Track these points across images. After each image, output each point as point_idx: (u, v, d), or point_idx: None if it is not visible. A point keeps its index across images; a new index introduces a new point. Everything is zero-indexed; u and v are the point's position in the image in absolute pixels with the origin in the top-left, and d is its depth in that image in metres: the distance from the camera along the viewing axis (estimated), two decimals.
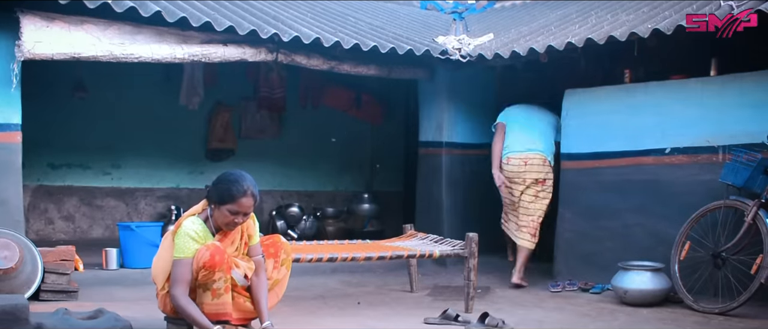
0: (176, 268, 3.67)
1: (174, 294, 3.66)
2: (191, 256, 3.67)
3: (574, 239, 6.38)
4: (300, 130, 9.60)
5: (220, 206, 3.71)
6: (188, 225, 3.73)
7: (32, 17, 5.34)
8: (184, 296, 3.65)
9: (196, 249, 3.68)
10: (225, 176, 3.78)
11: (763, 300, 4.99)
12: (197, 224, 3.75)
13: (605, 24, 6.18)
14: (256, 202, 3.76)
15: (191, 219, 3.77)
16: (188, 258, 3.67)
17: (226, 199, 3.70)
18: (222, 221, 3.75)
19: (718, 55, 5.74)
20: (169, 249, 3.75)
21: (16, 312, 3.68)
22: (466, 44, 7.07)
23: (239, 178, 3.75)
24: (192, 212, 3.85)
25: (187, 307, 3.64)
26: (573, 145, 6.42)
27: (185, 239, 3.69)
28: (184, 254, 3.67)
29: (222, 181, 3.76)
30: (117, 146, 8.69)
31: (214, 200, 3.74)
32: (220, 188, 3.73)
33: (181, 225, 3.75)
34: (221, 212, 3.72)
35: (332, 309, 5.09)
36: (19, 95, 5.51)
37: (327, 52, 6.43)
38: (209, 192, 3.80)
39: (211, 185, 3.82)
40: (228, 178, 3.76)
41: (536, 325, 4.68)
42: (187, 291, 3.67)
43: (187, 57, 5.90)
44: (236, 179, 3.74)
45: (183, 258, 3.67)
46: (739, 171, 5.12)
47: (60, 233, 8.47)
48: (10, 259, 4.83)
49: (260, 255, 3.94)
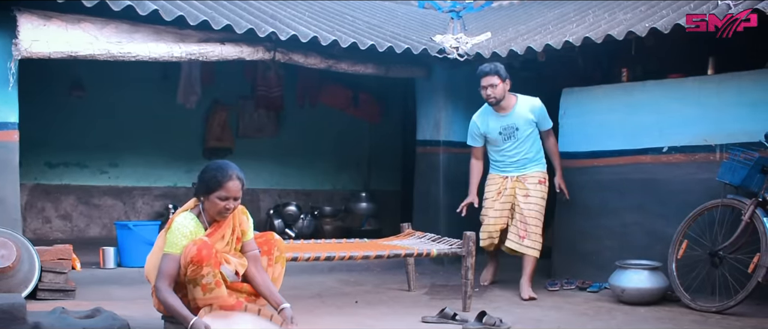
0: (163, 262, 3.71)
1: (157, 287, 3.69)
2: (180, 252, 3.70)
3: (572, 237, 6.38)
4: (298, 129, 9.60)
5: (209, 196, 3.78)
6: (180, 221, 3.77)
7: (29, 16, 5.33)
8: (167, 289, 3.68)
9: (187, 240, 3.71)
10: (209, 167, 3.86)
11: (761, 299, 5.00)
12: (189, 220, 3.78)
13: (603, 23, 6.18)
14: (243, 186, 3.83)
15: (183, 215, 3.81)
16: (176, 254, 3.70)
17: (214, 186, 3.76)
18: (214, 211, 3.80)
19: (715, 54, 5.74)
20: (163, 248, 3.77)
21: (13, 311, 3.68)
22: (464, 43, 7.07)
23: (223, 165, 3.84)
24: (184, 208, 3.89)
25: (168, 299, 3.66)
26: (571, 144, 6.42)
27: (176, 235, 3.72)
28: (173, 249, 3.71)
29: (207, 171, 3.83)
30: (114, 144, 8.69)
31: (203, 191, 3.80)
32: (206, 177, 3.79)
33: (173, 221, 3.78)
34: (212, 202, 3.78)
35: (330, 308, 5.09)
36: (16, 94, 5.50)
37: (324, 50, 6.43)
38: (197, 187, 3.86)
39: (197, 179, 3.89)
40: (212, 167, 3.84)
41: (534, 324, 4.68)
42: (171, 285, 3.70)
43: (184, 56, 5.90)
44: (219, 166, 3.83)
45: (171, 253, 3.70)
46: (736, 170, 5.13)
47: (57, 232, 8.45)
48: (7, 258, 4.83)
49: (256, 250, 3.98)
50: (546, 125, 5.96)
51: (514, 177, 5.91)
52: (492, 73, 5.72)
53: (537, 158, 5.93)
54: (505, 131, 5.88)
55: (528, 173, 5.89)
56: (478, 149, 6.13)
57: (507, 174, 5.95)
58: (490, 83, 5.71)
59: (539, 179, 5.89)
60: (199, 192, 3.84)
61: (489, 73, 5.73)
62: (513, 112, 5.85)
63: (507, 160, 5.94)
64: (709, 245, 5.26)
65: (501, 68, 5.75)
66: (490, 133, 5.94)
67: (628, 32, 5.50)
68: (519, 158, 5.90)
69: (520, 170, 5.91)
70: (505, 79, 5.74)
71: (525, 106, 5.86)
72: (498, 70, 5.72)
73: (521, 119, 5.85)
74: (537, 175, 5.89)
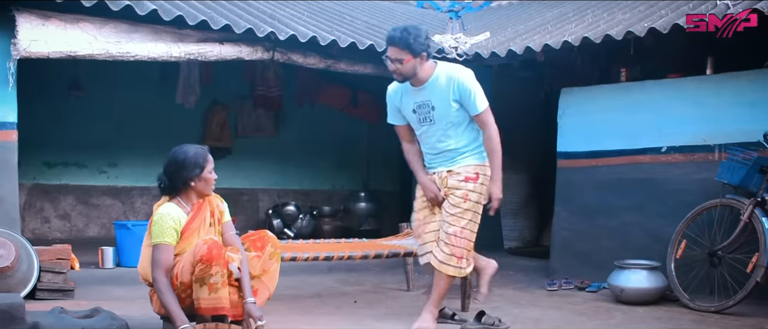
0: (156, 253, 3.70)
1: (155, 278, 3.68)
2: (170, 241, 3.71)
3: (571, 237, 6.38)
4: (297, 128, 9.60)
5: (201, 175, 3.80)
6: (162, 211, 3.78)
7: (28, 15, 5.33)
8: (165, 282, 3.67)
9: (174, 230, 3.72)
10: (178, 158, 3.81)
11: (759, 299, 5.00)
12: (171, 208, 3.80)
13: (602, 23, 6.19)
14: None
15: (164, 205, 3.82)
16: (167, 243, 3.71)
17: (202, 163, 3.80)
18: (204, 188, 3.84)
19: (714, 54, 5.74)
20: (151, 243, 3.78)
21: (12, 310, 3.67)
22: (463, 43, 7.07)
23: (188, 147, 3.84)
24: (161, 202, 3.89)
25: (166, 294, 3.65)
26: (569, 144, 6.43)
27: (162, 225, 3.73)
28: (162, 238, 3.71)
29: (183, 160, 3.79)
30: (113, 144, 8.69)
31: (189, 178, 3.79)
32: (189, 164, 3.78)
33: (156, 213, 3.80)
34: (203, 180, 3.82)
35: (329, 308, 5.09)
36: (15, 94, 5.49)
37: (323, 50, 6.43)
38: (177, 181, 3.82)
39: (170, 176, 3.83)
40: (186, 154, 3.81)
41: (533, 324, 4.68)
42: (168, 275, 3.69)
43: (183, 55, 5.89)
44: (190, 150, 3.82)
45: (162, 243, 3.70)
46: (735, 170, 5.13)
47: (56, 232, 8.45)
48: (6, 258, 4.82)
49: (234, 232, 3.99)
50: (473, 109, 4.20)
51: (443, 174, 4.34)
52: (400, 45, 4.08)
53: (471, 148, 4.30)
54: (420, 109, 4.29)
55: (455, 168, 4.29)
56: (403, 129, 4.50)
57: (434, 171, 4.39)
58: (397, 57, 4.12)
59: (467, 175, 4.26)
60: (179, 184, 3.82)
61: (395, 44, 4.10)
62: (428, 84, 4.22)
63: (430, 152, 4.40)
64: (708, 245, 5.26)
65: (417, 39, 4.08)
66: (405, 110, 4.38)
67: (627, 32, 5.50)
68: (444, 150, 4.31)
69: (448, 163, 4.33)
70: (419, 54, 4.09)
71: (443, 77, 4.19)
72: (409, 43, 4.06)
73: (438, 95, 4.21)
74: (464, 170, 4.27)
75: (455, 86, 4.16)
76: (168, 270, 3.70)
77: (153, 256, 3.72)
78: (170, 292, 3.67)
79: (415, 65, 4.13)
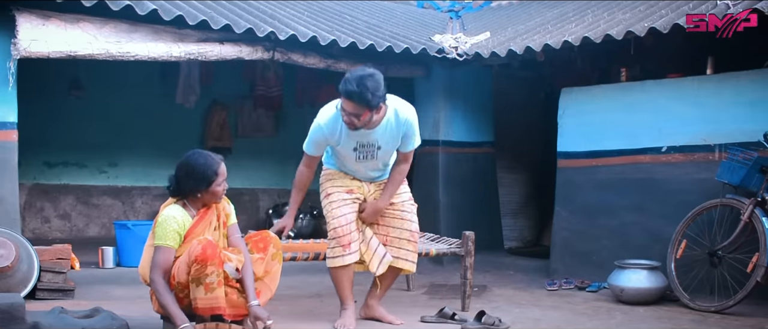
0: (156, 254, 3.71)
1: (153, 279, 3.68)
2: (172, 244, 3.70)
3: (571, 237, 6.38)
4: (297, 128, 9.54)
5: (208, 189, 3.77)
6: (167, 213, 3.77)
7: (28, 15, 5.33)
8: (163, 283, 3.67)
9: (177, 233, 3.72)
10: (191, 164, 3.78)
11: (759, 299, 5.00)
12: (176, 210, 3.79)
13: (602, 22, 6.19)
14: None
15: (170, 207, 3.81)
16: (169, 246, 3.70)
17: (211, 176, 3.76)
18: (211, 199, 3.83)
19: (714, 54, 5.74)
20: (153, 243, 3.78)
21: (12, 310, 3.67)
22: (463, 43, 7.07)
23: (201, 154, 3.83)
24: (167, 203, 3.88)
25: (164, 294, 3.65)
26: (569, 143, 6.43)
27: (165, 227, 3.72)
28: (164, 240, 3.71)
29: (192, 168, 3.77)
30: (113, 144, 8.68)
31: (196, 189, 3.77)
32: (198, 174, 3.76)
33: (161, 214, 3.79)
34: (211, 193, 3.79)
35: (329, 308, 5.09)
36: (15, 94, 5.50)
37: (324, 50, 6.43)
38: (185, 187, 3.80)
39: (179, 181, 3.81)
40: (198, 162, 3.78)
41: (533, 324, 4.68)
42: (166, 277, 3.69)
43: (183, 55, 5.89)
44: (202, 158, 3.80)
45: (163, 245, 3.70)
46: (735, 170, 5.13)
47: (56, 232, 8.45)
48: (6, 258, 4.82)
49: (239, 235, 3.98)
50: (408, 147, 4.38)
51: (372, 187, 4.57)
52: (357, 100, 4.01)
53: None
54: (363, 148, 4.33)
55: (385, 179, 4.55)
56: (315, 159, 4.54)
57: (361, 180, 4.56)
58: (354, 112, 4.06)
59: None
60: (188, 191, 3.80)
61: (352, 100, 4.02)
62: (379, 128, 4.24)
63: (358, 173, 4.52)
64: (708, 244, 5.26)
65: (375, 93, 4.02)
66: (342, 147, 4.34)
67: (627, 32, 5.50)
68: (375, 175, 4.55)
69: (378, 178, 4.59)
70: (376, 107, 4.05)
71: (394, 119, 4.26)
72: (367, 100, 3.99)
73: (388, 137, 4.30)
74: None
75: (406, 127, 4.30)
76: (166, 273, 3.71)
77: (153, 257, 3.72)
78: (168, 293, 3.67)
79: (372, 116, 4.12)
